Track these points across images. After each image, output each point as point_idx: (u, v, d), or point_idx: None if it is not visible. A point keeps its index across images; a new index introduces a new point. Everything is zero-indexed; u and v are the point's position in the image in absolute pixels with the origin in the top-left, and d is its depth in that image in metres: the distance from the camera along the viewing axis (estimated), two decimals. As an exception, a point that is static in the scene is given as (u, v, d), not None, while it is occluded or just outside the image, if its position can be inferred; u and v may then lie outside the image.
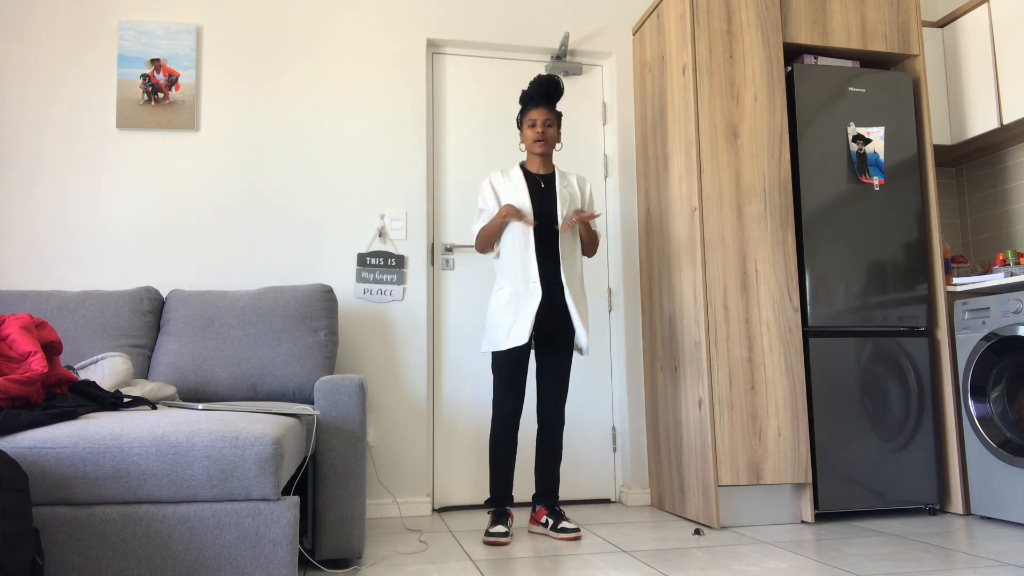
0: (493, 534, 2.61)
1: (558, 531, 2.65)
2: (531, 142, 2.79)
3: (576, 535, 2.63)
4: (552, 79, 2.79)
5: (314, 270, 3.24)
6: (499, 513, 2.72)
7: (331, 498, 2.22)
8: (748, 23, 3.09)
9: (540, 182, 2.80)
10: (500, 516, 2.71)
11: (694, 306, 2.95)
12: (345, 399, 2.25)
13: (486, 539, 2.62)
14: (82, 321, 2.70)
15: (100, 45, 3.20)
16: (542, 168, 2.83)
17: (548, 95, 2.77)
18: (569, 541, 2.62)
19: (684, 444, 3.01)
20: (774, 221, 3.01)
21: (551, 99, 2.79)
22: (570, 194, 2.80)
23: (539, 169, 2.83)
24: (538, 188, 2.78)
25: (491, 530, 2.63)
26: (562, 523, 2.67)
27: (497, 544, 2.59)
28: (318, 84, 3.35)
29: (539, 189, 2.78)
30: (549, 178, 2.82)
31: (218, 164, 3.23)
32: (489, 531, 2.63)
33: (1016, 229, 3.55)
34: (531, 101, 2.79)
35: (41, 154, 3.11)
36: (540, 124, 2.77)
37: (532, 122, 2.78)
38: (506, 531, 2.63)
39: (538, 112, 2.77)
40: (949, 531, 2.72)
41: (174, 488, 1.70)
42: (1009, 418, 2.84)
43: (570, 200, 2.78)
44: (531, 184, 2.79)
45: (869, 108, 3.18)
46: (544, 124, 2.77)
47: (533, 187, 2.78)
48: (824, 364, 2.97)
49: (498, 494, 2.75)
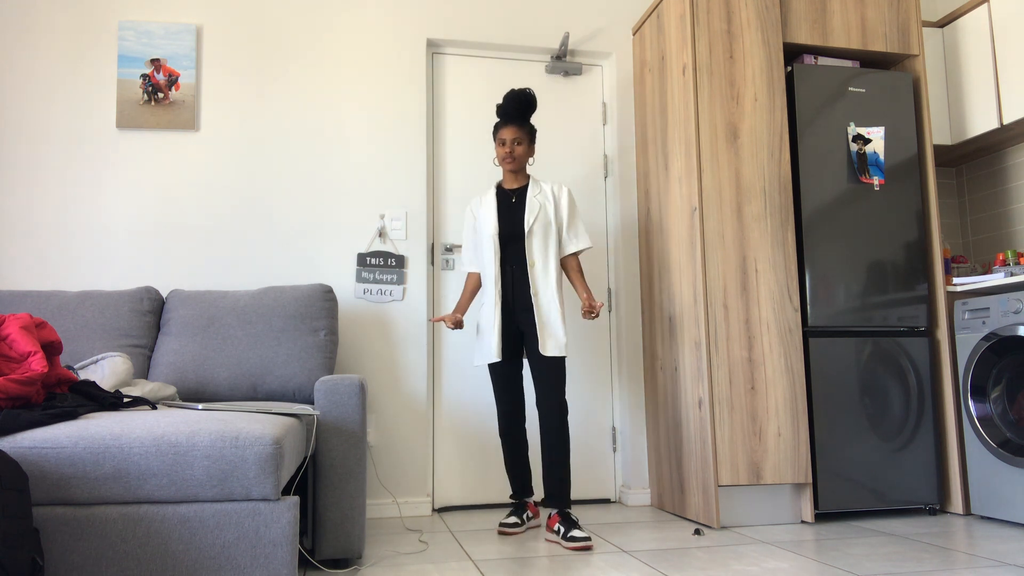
0: (504, 524, 2.77)
1: (567, 540, 2.53)
2: (500, 159, 2.88)
3: (586, 544, 2.49)
4: (523, 94, 2.83)
5: (314, 270, 3.24)
6: (517, 505, 2.87)
7: (331, 498, 2.22)
8: (748, 23, 3.09)
9: (512, 196, 2.88)
10: (517, 508, 2.85)
11: (694, 306, 2.95)
12: (345, 399, 2.25)
13: (498, 528, 2.78)
14: (82, 321, 2.70)
15: (100, 45, 3.20)
16: (515, 183, 2.91)
17: (520, 111, 2.83)
18: (579, 551, 2.49)
19: (684, 444, 3.01)
20: (774, 221, 3.01)
21: (523, 115, 2.85)
22: (540, 203, 2.84)
23: (512, 184, 2.91)
24: (509, 203, 2.87)
25: (503, 520, 2.79)
26: (572, 531, 2.54)
27: (506, 534, 2.75)
28: (318, 84, 3.35)
29: (510, 204, 2.87)
30: (521, 191, 2.89)
31: (218, 164, 3.23)
32: (502, 521, 2.79)
33: (1016, 229, 3.55)
34: (502, 119, 2.86)
35: (41, 154, 3.11)
36: (509, 143, 2.84)
37: (502, 141, 2.85)
38: (517, 522, 2.77)
39: (507, 131, 2.84)
40: (949, 531, 2.72)
41: (174, 488, 1.70)
42: (1009, 418, 2.84)
43: (540, 209, 2.82)
44: (503, 200, 2.88)
45: (869, 108, 3.18)
46: (513, 143, 2.84)
47: (504, 203, 2.87)
48: (824, 364, 2.97)
49: (515, 488, 2.91)
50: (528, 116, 2.87)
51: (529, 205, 2.83)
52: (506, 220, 2.83)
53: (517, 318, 2.81)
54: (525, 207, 2.83)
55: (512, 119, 2.84)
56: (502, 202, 2.88)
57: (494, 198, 2.90)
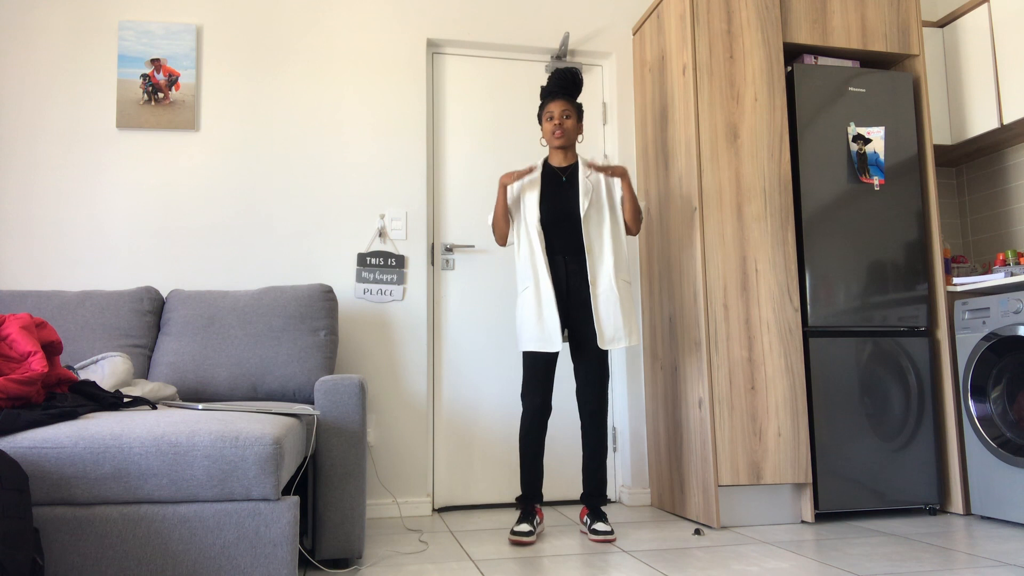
0: (517, 533, 2.60)
1: (591, 532, 2.64)
2: (549, 135, 2.77)
3: (608, 538, 2.60)
4: (571, 71, 2.78)
5: (314, 270, 3.24)
6: (526, 511, 2.71)
7: (331, 498, 2.22)
8: (748, 23, 3.09)
9: (561, 175, 2.78)
10: (526, 514, 2.69)
11: (694, 306, 2.95)
12: (345, 399, 2.25)
13: (510, 537, 2.61)
14: (82, 321, 2.70)
15: (100, 45, 3.20)
16: (564, 161, 2.81)
17: (565, 87, 2.78)
18: (600, 543, 2.60)
19: (684, 444, 3.01)
20: (774, 221, 3.01)
21: (569, 92, 2.79)
22: (593, 184, 2.76)
23: (561, 162, 2.81)
24: (559, 181, 2.77)
25: (515, 528, 2.62)
26: (596, 523, 2.64)
27: (520, 544, 2.58)
28: (318, 84, 3.35)
29: (560, 182, 2.76)
30: (572, 169, 2.80)
31: (218, 164, 3.23)
32: (513, 529, 2.62)
33: (1016, 229, 3.55)
34: (549, 95, 2.79)
35: (41, 154, 3.11)
36: (557, 116, 2.75)
37: (550, 115, 2.77)
38: (531, 530, 2.61)
39: (555, 104, 2.76)
40: (949, 531, 2.72)
41: (174, 488, 1.70)
42: (1009, 418, 2.84)
43: (593, 190, 2.74)
44: (552, 178, 2.78)
45: (869, 108, 3.18)
46: (562, 116, 2.75)
47: (554, 181, 2.77)
48: (824, 364, 2.97)
49: (526, 490, 2.74)
50: (575, 93, 2.80)
51: (583, 186, 2.72)
52: (556, 201, 2.72)
53: (570, 312, 2.72)
54: (579, 188, 2.73)
55: (559, 95, 2.76)
56: (551, 182, 2.76)
57: (539, 178, 2.77)
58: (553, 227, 2.72)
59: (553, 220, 2.72)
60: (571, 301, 2.73)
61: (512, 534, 2.61)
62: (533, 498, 2.73)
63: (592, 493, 2.75)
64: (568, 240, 2.72)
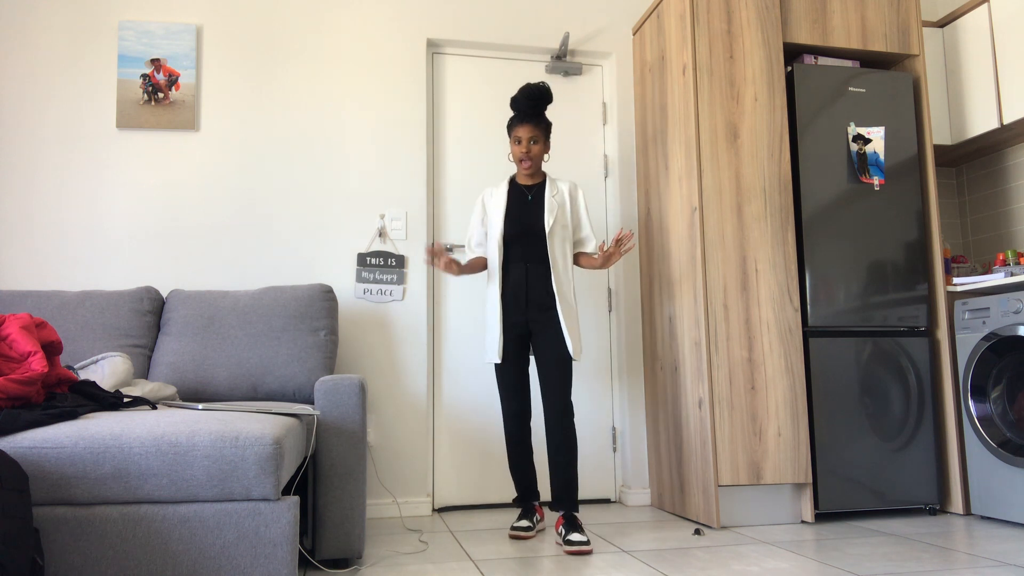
0: (516, 527, 2.72)
1: (565, 543, 2.49)
2: (517, 161, 2.80)
3: (583, 549, 2.44)
4: (537, 89, 2.74)
5: (314, 270, 3.24)
6: (525, 509, 2.82)
7: (331, 498, 2.22)
8: (748, 23, 3.09)
9: (527, 194, 2.82)
10: (526, 511, 2.81)
11: (694, 306, 2.95)
12: (345, 399, 2.25)
13: (510, 532, 2.73)
14: (82, 321, 2.70)
15: (100, 45, 3.20)
16: (530, 180, 2.84)
17: (534, 106, 2.75)
18: (575, 554, 2.44)
19: (684, 444, 3.02)
20: (774, 221, 3.01)
21: (537, 112, 2.77)
22: (558, 203, 2.79)
23: (527, 181, 2.84)
24: (524, 200, 2.80)
25: (515, 524, 2.74)
26: (571, 535, 2.49)
27: (519, 538, 2.70)
28: (318, 84, 3.35)
29: (525, 201, 2.80)
30: (538, 188, 2.83)
31: (218, 164, 3.23)
32: (513, 525, 2.74)
33: (1016, 229, 3.55)
34: (516, 116, 2.78)
35: (41, 154, 3.11)
36: (525, 142, 2.76)
37: (517, 139, 2.78)
38: (529, 525, 2.72)
39: (523, 129, 2.75)
40: (949, 531, 2.72)
41: (174, 488, 1.70)
42: (1009, 418, 2.84)
43: (558, 208, 2.77)
44: (518, 196, 2.81)
45: (869, 108, 3.18)
46: (529, 142, 2.76)
47: (520, 199, 2.80)
48: (824, 364, 2.97)
49: (520, 491, 2.84)
50: (543, 111, 2.79)
51: (548, 205, 2.77)
52: (520, 217, 2.76)
53: (531, 317, 2.73)
54: (544, 207, 2.77)
55: (527, 116, 2.75)
56: (516, 198, 2.81)
57: (506, 194, 2.83)
58: (518, 239, 2.76)
59: (518, 233, 2.76)
60: (531, 306, 2.74)
61: (512, 529, 2.72)
62: (530, 497, 2.84)
63: (561, 498, 2.65)
64: (533, 250, 2.75)
